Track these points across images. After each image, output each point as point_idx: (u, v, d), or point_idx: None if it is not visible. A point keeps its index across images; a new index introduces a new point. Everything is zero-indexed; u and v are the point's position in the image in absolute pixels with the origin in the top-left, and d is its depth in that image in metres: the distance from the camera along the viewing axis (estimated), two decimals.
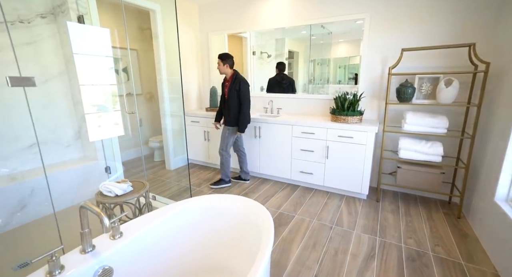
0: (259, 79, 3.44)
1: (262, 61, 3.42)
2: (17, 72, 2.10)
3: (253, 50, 3.48)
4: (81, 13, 2.22)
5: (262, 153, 3.03)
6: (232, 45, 3.57)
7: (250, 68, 3.46)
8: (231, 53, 3.53)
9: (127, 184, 1.79)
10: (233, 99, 2.66)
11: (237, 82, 2.64)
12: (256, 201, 1.46)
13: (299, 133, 2.73)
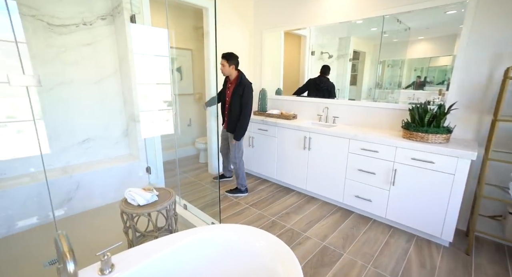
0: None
1: (322, 62, 2.98)
2: (78, 72, 2.23)
3: (312, 50, 3.07)
4: (133, 13, 2.22)
5: (310, 167, 2.60)
6: (289, 44, 3.23)
7: (307, 69, 3.07)
8: (287, 52, 3.22)
9: (152, 193, 1.64)
10: (236, 104, 2.48)
11: (242, 86, 2.43)
12: (285, 244, 1.10)
13: (358, 149, 2.21)
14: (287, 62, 3.26)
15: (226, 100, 2.60)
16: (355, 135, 2.20)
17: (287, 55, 3.27)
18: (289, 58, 3.28)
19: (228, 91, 2.54)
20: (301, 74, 3.20)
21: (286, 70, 3.30)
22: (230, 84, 2.54)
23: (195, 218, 2.02)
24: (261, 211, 2.41)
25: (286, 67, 3.29)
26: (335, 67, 2.85)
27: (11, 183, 1.92)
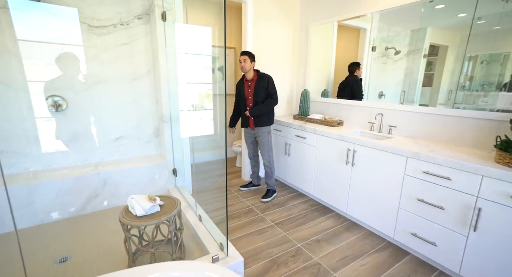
0: (377, 83, 2.43)
1: (387, 60, 2.39)
2: (114, 71, 2.28)
3: (373, 45, 2.51)
4: (165, 9, 2.14)
5: (353, 186, 2.11)
6: (343, 39, 2.74)
7: (366, 67, 2.53)
8: (341, 48, 2.78)
9: (152, 203, 1.48)
10: (261, 97, 2.42)
11: (265, 79, 2.41)
12: None
13: (419, 172, 1.64)
14: (339, 60, 2.76)
15: (248, 100, 2.45)
16: (416, 153, 1.63)
17: (340, 51, 2.78)
18: (343, 55, 2.78)
19: (249, 89, 2.43)
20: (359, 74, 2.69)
21: (338, 69, 2.81)
22: (249, 82, 2.43)
23: (205, 233, 1.80)
24: (286, 233, 2.05)
25: (338, 65, 2.80)
26: (401, 65, 2.24)
27: (47, 175, 2.05)
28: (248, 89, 2.44)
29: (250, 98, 2.44)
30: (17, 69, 1.94)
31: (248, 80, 2.43)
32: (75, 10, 2.10)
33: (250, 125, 2.51)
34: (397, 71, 2.27)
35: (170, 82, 2.33)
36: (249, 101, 2.45)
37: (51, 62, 2.06)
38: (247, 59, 2.32)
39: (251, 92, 2.42)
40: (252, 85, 2.41)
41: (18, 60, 1.93)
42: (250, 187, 2.84)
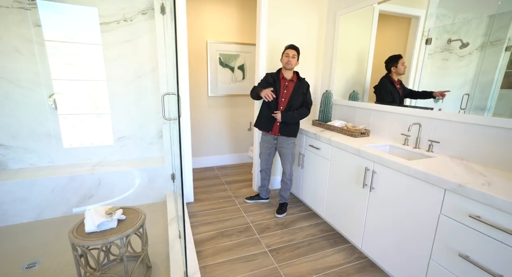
0: (433, 84, 1.80)
1: (449, 55, 1.77)
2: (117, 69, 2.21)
3: (428, 37, 1.90)
4: (163, 2, 1.97)
5: (370, 216, 1.62)
6: (387, 31, 2.17)
7: (416, 64, 1.93)
8: (383, 42, 2.19)
9: (106, 218, 1.29)
10: (297, 102, 2.11)
11: (305, 84, 2.12)
12: None
13: (462, 214, 1.11)
14: (381, 56, 2.14)
15: (280, 101, 2.11)
16: (459, 185, 1.10)
17: (383, 46, 2.22)
18: (386, 50, 2.20)
19: (285, 90, 2.11)
20: (406, 72, 2.08)
21: (377, 67, 2.23)
22: (287, 82, 2.11)
23: (177, 254, 1.55)
24: (279, 265, 1.68)
25: (379, 63, 2.18)
26: (470, 61, 1.63)
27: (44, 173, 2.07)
28: (284, 89, 2.10)
29: (283, 100, 2.10)
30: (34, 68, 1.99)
31: (286, 79, 2.10)
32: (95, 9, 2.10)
33: (274, 131, 2.14)
34: (463, 68, 1.65)
35: (169, 79, 2.16)
36: (282, 103, 2.10)
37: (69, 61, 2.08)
38: (295, 55, 2.04)
39: (287, 94, 2.10)
40: (290, 86, 2.10)
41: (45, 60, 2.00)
42: (257, 200, 2.51)
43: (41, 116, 2.10)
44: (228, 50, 3.23)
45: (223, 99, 3.39)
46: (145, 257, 1.47)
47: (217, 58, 3.20)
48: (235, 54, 3.28)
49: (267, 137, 2.23)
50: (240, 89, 3.41)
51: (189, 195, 2.51)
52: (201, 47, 3.11)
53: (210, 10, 3.05)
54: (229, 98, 3.41)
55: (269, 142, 2.23)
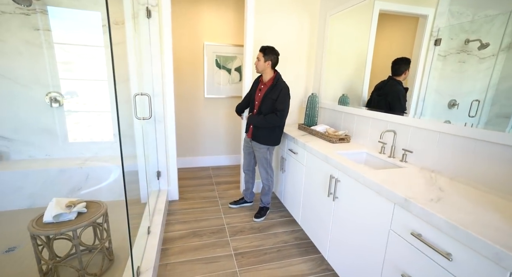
0: (444, 88, 1.59)
1: (466, 57, 1.55)
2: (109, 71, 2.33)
3: (436, 38, 1.73)
4: (149, 5, 2.05)
5: (335, 228, 1.54)
6: (389, 32, 2.02)
7: (423, 68, 1.74)
8: (386, 43, 1.98)
9: (64, 210, 1.36)
10: (266, 110, 2.01)
11: (277, 89, 1.97)
12: None
13: (406, 231, 1.01)
14: (381, 59, 1.98)
15: (255, 104, 2.11)
16: (405, 199, 1.01)
17: (385, 48, 1.99)
18: (387, 51, 2.03)
19: (260, 93, 2.07)
20: (412, 76, 1.72)
21: (377, 70, 2.02)
22: (262, 85, 2.07)
23: (139, 250, 1.59)
24: (239, 270, 1.65)
25: (379, 65, 2.00)
26: (489, 65, 1.45)
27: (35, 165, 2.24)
28: (259, 92, 2.08)
29: (257, 103, 2.10)
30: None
31: (263, 82, 2.07)
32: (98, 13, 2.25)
33: (249, 134, 2.17)
34: (483, 72, 1.48)
35: (154, 81, 2.24)
36: (256, 106, 2.10)
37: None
38: (260, 57, 1.97)
39: (260, 97, 2.06)
40: (263, 90, 2.05)
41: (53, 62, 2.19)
42: (241, 204, 2.49)
43: (38, 113, 2.28)
44: (225, 52, 3.26)
45: (220, 101, 3.42)
46: (105, 251, 1.53)
47: (213, 59, 3.25)
48: (232, 56, 3.30)
49: (246, 138, 2.27)
50: (237, 90, 3.43)
51: (173, 193, 2.56)
52: (198, 49, 3.17)
53: (208, 12, 3.10)
54: (226, 100, 3.44)
55: (247, 143, 2.26)
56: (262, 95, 2.02)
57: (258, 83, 2.13)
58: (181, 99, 3.25)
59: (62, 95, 2.30)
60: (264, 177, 2.21)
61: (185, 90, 3.26)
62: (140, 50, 2.24)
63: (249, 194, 2.46)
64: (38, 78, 2.22)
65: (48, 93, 2.26)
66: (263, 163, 2.16)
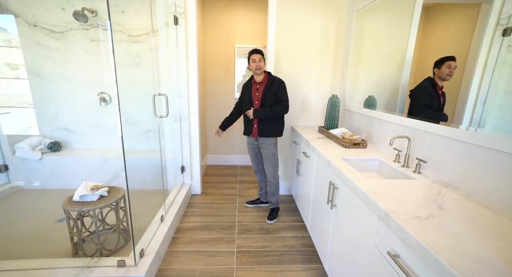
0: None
1: None
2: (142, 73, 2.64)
3: (506, 26, 1.39)
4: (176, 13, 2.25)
5: (334, 238, 1.44)
6: (437, 27, 1.71)
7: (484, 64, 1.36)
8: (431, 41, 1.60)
9: (89, 192, 1.61)
10: (269, 102, 2.10)
11: (276, 83, 2.09)
12: None
13: (385, 249, 0.89)
14: (427, 58, 1.60)
15: (254, 104, 2.15)
16: (386, 213, 0.90)
17: (430, 45, 1.61)
18: (436, 49, 1.57)
19: (257, 93, 2.13)
20: (467, 72, 1.37)
21: (421, 70, 1.63)
22: (258, 85, 2.13)
23: (148, 234, 1.76)
24: (237, 267, 1.69)
25: (424, 64, 1.62)
26: None
27: (86, 154, 2.67)
28: (256, 92, 2.14)
29: (256, 102, 2.14)
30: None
31: (257, 82, 2.14)
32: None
33: (253, 133, 2.18)
34: None
35: (180, 83, 2.44)
36: (256, 106, 2.15)
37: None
38: (262, 58, 2.05)
39: (258, 96, 2.12)
40: (260, 88, 2.12)
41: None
42: (258, 204, 2.53)
43: (91, 110, 2.71)
44: None
45: None
46: (121, 231, 1.75)
47: (245, 61, 3.35)
48: None
49: (249, 140, 2.28)
50: None
51: (196, 188, 2.74)
52: (230, 51, 3.32)
53: (239, 16, 3.21)
54: None
55: (252, 144, 2.27)
56: (262, 92, 2.09)
57: (250, 86, 2.17)
58: (213, 99, 3.44)
59: (109, 95, 2.69)
60: (271, 175, 2.22)
61: (217, 91, 3.44)
62: (168, 55, 2.47)
63: (264, 194, 2.47)
64: (92, 81, 2.65)
65: (99, 94, 2.67)
66: (270, 160, 2.18)
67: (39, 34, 2.51)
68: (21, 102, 2.75)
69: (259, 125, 2.13)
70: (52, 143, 2.67)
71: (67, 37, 2.54)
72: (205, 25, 3.22)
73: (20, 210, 2.31)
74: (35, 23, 2.49)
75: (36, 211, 2.27)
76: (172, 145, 2.79)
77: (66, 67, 2.60)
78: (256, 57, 2.03)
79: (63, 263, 1.45)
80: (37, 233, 1.94)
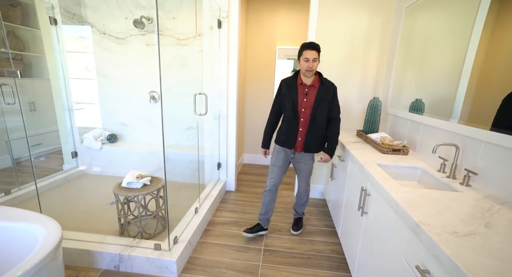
0: None
1: None
2: (187, 74, 2.83)
3: None
4: (220, 18, 2.38)
5: (363, 246, 1.37)
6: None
7: None
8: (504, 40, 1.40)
9: (134, 180, 1.81)
10: (322, 112, 1.76)
11: (331, 88, 1.76)
12: None
13: (413, 263, 0.82)
14: (498, 58, 1.35)
15: (301, 112, 1.76)
16: (417, 224, 0.83)
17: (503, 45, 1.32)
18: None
19: (306, 99, 1.74)
20: None
21: (490, 73, 1.36)
22: (307, 88, 1.74)
23: (183, 223, 1.90)
24: (261, 265, 1.71)
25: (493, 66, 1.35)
26: None
27: (136, 146, 2.97)
28: (304, 97, 1.75)
29: (304, 110, 1.75)
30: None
31: (306, 84, 1.75)
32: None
33: (297, 148, 1.82)
34: None
35: (220, 83, 2.57)
36: (303, 114, 1.75)
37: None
38: (317, 58, 1.65)
39: (308, 102, 1.74)
40: (311, 93, 1.73)
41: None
42: (257, 232, 1.99)
43: (142, 107, 3.02)
44: (294, 55, 3.31)
45: None
46: (159, 218, 1.92)
47: (284, 62, 3.36)
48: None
49: (286, 151, 1.90)
50: None
51: (230, 184, 2.85)
52: (270, 53, 3.36)
53: (281, 17, 3.24)
54: None
55: (285, 156, 1.90)
56: (314, 99, 1.72)
57: (294, 87, 1.76)
58: (252, 100, 3.53)
59: (158, 93, 2.97)
60: (304, 189, 1.98)
61: (257, 91, 3.52)
62: (211, 56, 2.61)
63: (266, 221, 2.02)
64: (144, 80, 2.95)
65: (150, 92, 2.96)
66: (306, 175, 1.93)
67: (107, 41, 2.89)
68: (90, 99, 3.20)
69: (306, 138, 1.79)
70: (110, 135, 3.05)
71: (127, 42, 2.88)
72: (248, 27, 3.32)
73: (83, 190, 2.69)
74: (105, 31, 2.88)
75: (95, 193, 2.62)
76: (211, 143, 2.94)
77: (124, 68, 2.95)
78: (310, 55, 1.63)
79: (112, 240, 1.66)
80: (93, 211, 2.25)
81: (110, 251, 1.56)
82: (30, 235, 1.05)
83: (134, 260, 1.54)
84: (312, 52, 1.63)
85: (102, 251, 1.55)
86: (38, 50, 3.23)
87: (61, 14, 2.70)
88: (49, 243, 0.98)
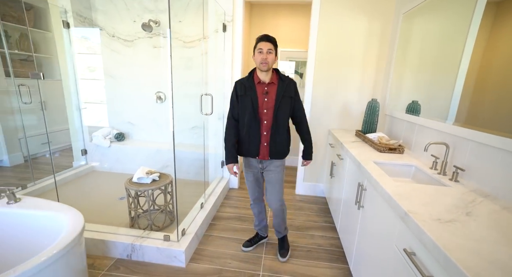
0: None
1: None
2: (192, 75, 2.94)
3: None
4: (225, 21, 2.49)
5: (360, 239, 1.47)
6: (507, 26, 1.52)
7: None
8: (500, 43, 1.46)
9: (144, 175, 1.92)
10: (284, 111, 1.55)
11: (291, 84, 1.56)
12: None
13: (401, 248, 0.92)
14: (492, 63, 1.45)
15: (263, 114, 1.53)
16: (405, 213, 0.93)
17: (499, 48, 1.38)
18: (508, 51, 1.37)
19: (267, 98, 1.52)
20: None
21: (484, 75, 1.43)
22: (266, 87, 1.52)
23: (189, 217, 2.00)
24: (264, 256, 1.81)
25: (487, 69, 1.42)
26: None
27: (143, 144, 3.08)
28: (265, 97, 1.52)
29: (266, 111, 1.52)
30: None
31: (265, 82, 1.52)
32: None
33: (262, 155, 1.59)
34: None
35: (225, 84, 2.67)
36: (266, 116, 1.53)
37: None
38: (272, 50, 1.46)
39: (269, 102, 1.51)
40: (271, 90, 1.52)
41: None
42: (257, 243, 1.93)
43: (149, 107, 3.13)
44: (297, 57, 3.42)
45: None
46: (167, 212, 2.02)
47: (287, 64, 3.46)
48: (304, 61, 3.41)
49: (251, 162, 1.67)
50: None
51: (233, 182, 2.95)
52: None
53: (284, 21, 3.35)
54: None
55: (255, 167, 1.67)
56: (275, 97, 1.50)
57: (252, 87, 1.52)
58: None
59: (164, 94, 3.08)
60: (279, 203, 1.70)
61: None
62: (216, 59, 2.72)
63: (264, 227, 1.92)
64: (150, 81, 3.06)
65: (156, 93, 3.07)
66: (277, 187, 1.67)
67: (115, 43, 3.01)
68: (97, 99, 3.32)
69: (270, 143, 1.55)
70: (118, 134, 3.16)
71: (135, 44, 3.00)
72: (251, 30, 3.43)
73: (93, 186, 2.80)
74: (114, 34, 2.99)
75: (104, 188, 2.73)
76: (215, 141, 3.04)
77: (132, 69, 3.06)
78: (264, 46, 1.44)
79: (124, 231, 1.77)
80: (104, 205, 2.36)
81: (123, 241, 1.66)
82: (56, 223, 1.16)
83: (145, 249, 1.65)
84: (267, 43, 1.45)
85: (115, 241, 1.66)
86: (49, 52, 3.35)
87: (74, 18, 2.82)
88: (74, 230, 1.09)
